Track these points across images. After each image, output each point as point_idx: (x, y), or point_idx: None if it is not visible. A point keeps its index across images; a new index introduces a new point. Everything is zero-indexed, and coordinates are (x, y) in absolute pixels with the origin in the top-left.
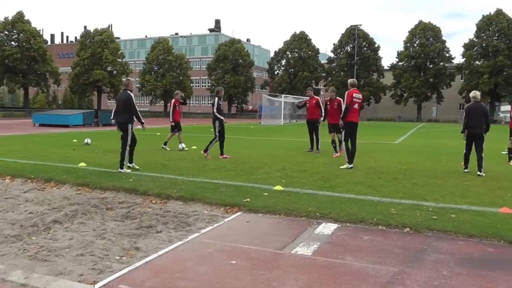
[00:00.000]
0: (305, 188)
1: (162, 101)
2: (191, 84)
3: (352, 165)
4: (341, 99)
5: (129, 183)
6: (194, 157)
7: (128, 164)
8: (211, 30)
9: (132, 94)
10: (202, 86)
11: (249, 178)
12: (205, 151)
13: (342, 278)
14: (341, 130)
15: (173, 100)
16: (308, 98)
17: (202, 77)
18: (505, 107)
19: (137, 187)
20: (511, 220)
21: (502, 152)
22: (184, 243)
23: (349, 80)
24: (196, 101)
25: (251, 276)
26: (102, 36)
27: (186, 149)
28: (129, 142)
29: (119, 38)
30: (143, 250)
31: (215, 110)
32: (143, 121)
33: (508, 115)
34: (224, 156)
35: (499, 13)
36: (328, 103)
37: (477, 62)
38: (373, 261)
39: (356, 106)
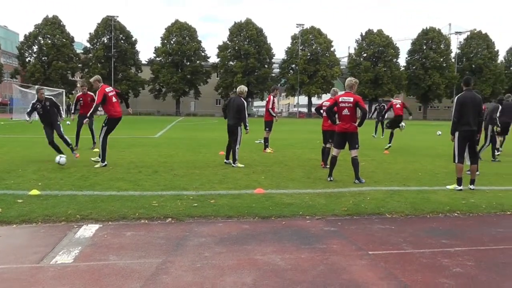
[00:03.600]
0: (64, 190)
1: None
2: None
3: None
4: (93, 94)
5: None
6: None
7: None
8: None
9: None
10: None
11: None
12: None
13: (106, 280)
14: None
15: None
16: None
17: None
18: (257, 103)
19: None
20: (264, 199)
21: (256, 141)
22: None
23: (96, 77)
24: None
25: None
26: None
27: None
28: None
29: None
30: None
31: None
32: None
33: (261, 109)
34: None
35: (249, 22)
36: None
37: (231, 63)
38: (137, 256)
39: (114, 100)
